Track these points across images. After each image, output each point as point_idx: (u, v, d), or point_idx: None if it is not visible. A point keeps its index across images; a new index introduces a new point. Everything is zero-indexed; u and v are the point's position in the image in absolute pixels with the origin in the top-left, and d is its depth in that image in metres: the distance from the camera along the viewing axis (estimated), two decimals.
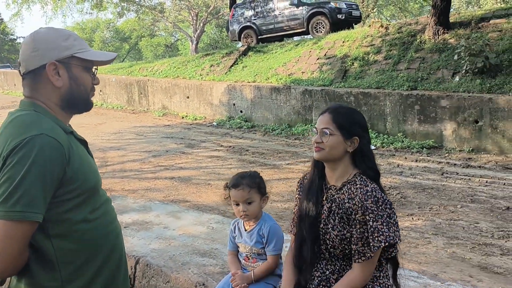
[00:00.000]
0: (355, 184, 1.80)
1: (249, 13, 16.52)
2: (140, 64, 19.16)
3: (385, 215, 1.69)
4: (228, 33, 17.80)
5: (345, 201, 1.79)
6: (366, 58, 11.20)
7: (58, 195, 1.40)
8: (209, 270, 2.36)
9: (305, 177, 2.02)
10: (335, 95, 10.20)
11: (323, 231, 1.82)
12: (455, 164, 7.57)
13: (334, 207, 1.82)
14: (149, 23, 37.19)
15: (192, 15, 31.41)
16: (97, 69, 1.65)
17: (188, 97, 13.76)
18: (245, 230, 2.13)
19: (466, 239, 4.85)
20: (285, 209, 5.82)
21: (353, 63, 11.32)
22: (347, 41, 12.35)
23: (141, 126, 12.57)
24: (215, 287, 2.10)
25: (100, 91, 17.03)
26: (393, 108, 9.29)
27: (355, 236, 1.73)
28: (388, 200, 1.73)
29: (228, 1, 19.73)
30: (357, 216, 1.72)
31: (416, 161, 7.86)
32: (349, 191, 1.79)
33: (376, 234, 1.67)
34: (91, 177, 1.52)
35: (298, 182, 2.05)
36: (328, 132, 1.79)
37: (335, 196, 1.84)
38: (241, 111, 12.32)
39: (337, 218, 1.79)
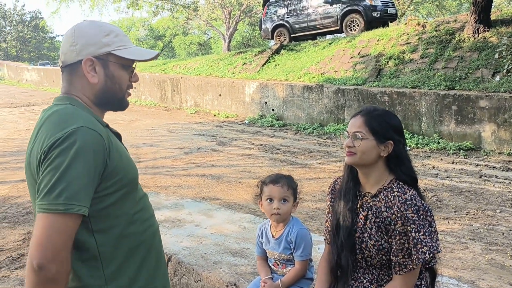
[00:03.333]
0: (392, 191, 1.71)
1: (282, 11, 16.44)
2: (173, 61, 19.40)
3: (427, 225, 1.60)
4: (261, 31, 17.77)
5: (382, 209, 1.70)
6: (402, 56, 10.95)
7: (100, 190, 1.37)
8: (240, 270, 2.34)
9: (337, 182, 1.95)
10: (369, 95, 10.03)
11: (360, 240, 1.74)
12: (494, 167, 7.30)
13: (371, 215, 1.73)
14: (183, 21, 37.59)
15: (225, 13, 31.52)
16: (134, 66, 1.59)
17: (220, 95, 13.83)
18: (273, 237, 2.09)
19: (506, 245, 4.66)
20: (316, 209, 5.75)
21: (387, 62, 11.09)
22: (382, 39, 12.12)
23: (174, 123, 12.71)
24: None
25: (134, 88, 17.33)
26: (429, 108, 9.04)
27: (395, 247, 1.64)
28: (428, 207, 1.64)
29: None
30: (396, 226, 1.64)
31: (453, 163, 7.63)
32: (386, 199, 1.70)
33: (419, 246, 1.59)
34: (131, 171, 1.49)
35: (329, 188, 1.97)
36: (360, 136, 1.71)
37: (370, 204, 1.75)
38: (273, 110, 12.28)
39: (374, 227, 1.71)
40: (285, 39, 16.22)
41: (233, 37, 34.36)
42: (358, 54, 12.12)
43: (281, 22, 16.35)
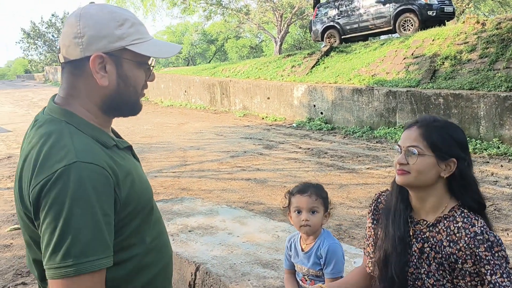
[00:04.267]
0: (455, 222, 1.43)
1: (332, 12, 16.16)
2: (223, 65, 19.59)
3: (503, 264, 1.32)
4: (311, 33, 17.57)
5: (444, 243, 1.42)
6: (459, 57, 10.40)
7: (115, 225, 1.14)
8: (269, 283, 2.22)
9: (380, 199, 1.65)
10: (422, 97, 9.58)
11: (414, 276, 1.48)
12: None
13: (428, 249, 1.46)
14: (235, 25, 37.99)
15: (277, 16, 31.50)
16: (153, 65, 1.31)
17: (268, 98, 13.77)
18: (302, 250, 1.95)
19: None
20: (362, 216, 5.52)
21: (443, 62, 10.57)
22: (438, 39, 11.57)
23: (222, 126, 12.79)
24: None
25: (185, 91, 17.66)
26: (488, 111, 8.50)
27: None
28: (499, 239, 1.36)
29: (313, 1, 19.48)
30: (465, 265, 1.37)
31: None
32: (448, 231, 1.42)
33: None
34: (145, 193, 1.26)
35: (370, 205, 1.69)
36: (416, 152, 1.43)
37: (427, 235, 1.47)
38: (321, 113, 12.05)
39: (433, 263, 1.44)
40: (335, 41, 15.93)
41: (285, 40, 34.28)
42: (412, 54, 11.65)
43: (331, 23, 16.07)
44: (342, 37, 15.84)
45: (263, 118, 13.61)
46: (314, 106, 12.27)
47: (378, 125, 10.57)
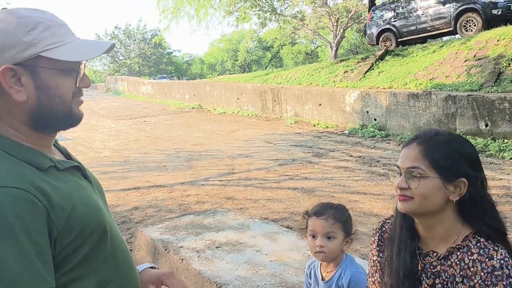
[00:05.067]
0: (469, 253, 1.20)
1: (388, 15, 15.61)
2: (275, 71, 19.50)
3: None
4: (365, 37, 17.07)
5: (457, 279, 1.21)
6: None
7: (58, 254, 1.01)
8: None
9: (384, 227, 1.42)
10: (485, 101, 8.92)
11: None
12: None
13: (439, 285, 1.25)
14: (290, 32, 37.87)
15: (333, 21, 31.01)
16: (85, 68, 1.15)
17: (320, 105, 13.46)
18: (322, 279, 1.74)
19: None
20: None
21: (509, 64, 9.81)
22: (503, 39, 10.79)
23: (272, 133, 12.64)
24: None
25: (237, 99, 17.71)
26: None
27: None
28: None
29: (368, 4, 18.95)
30: None
31: None
32: (462, 264, 1.21)
33: None
34: (93, 216, 1.10)
35: (374, 234, 1.46)
36: (417, 174, 1.22)
37: (438, 269, 1.26)
38: (375, 119, 11.59)
39: None
40: (391, 44, 15.36)
41: (341, 44, 33.67)
42: (474, 56, 10.93)
43: (387, 26, 15.53)
44: (399, 40, 15.25)
45: (314, 125, 13.32)
46: (367, 112, 11.83)
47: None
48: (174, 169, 9.09)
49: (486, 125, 8.94)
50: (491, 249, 1.18)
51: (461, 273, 1.20)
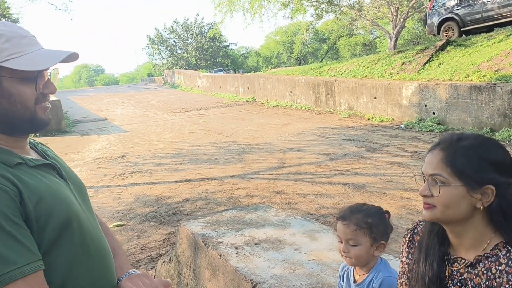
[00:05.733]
0: (498, 263, 1.14)
1: (451, 3, 14.83)
2: (329, 64, 19.16)
3: None
4: (425, 26, 16.35)
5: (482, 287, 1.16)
6: None
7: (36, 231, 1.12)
8: None
9: (416, 229, 1.38)
10: None
11: None
12: None
13: None
14: (347, 23, 37.04)
15: (392, 10, 29.94)
16: (49, 75, 1.25)
17: (375, 98, 13.08)
18: (354, 282, 1.68)
19: None
20: None
21: None
22: None
23: (325, 127, 12.45)
24: None
25: (291, 92, 17.60)
26: None
27: None
28: None
29: None
30: None
31: None
32: (489, 274, 1.15)
33: None
34: (61, 211, 1.18)
35: (405, 236, 1.41)
36: (439, 182, 1.16)
37: (464, 276, 1.21)
38: (434, 113, 11.09)
39: None
40: (453, 34, 14.60)
41: (400, 35, 32.50)
42: None
43: (449, 15, 14.76)
44: (462, 29, 14.46)
45: (368, 119, 12.97)
46: (425, 105, 11.34)
47: (501, 126, 9.39)
48: (225, 162, 9.20)
49: None
50: None
51: (487, 283, 1.15)
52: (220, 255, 2.60)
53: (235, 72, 44.93)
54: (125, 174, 8.87)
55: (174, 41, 55.33)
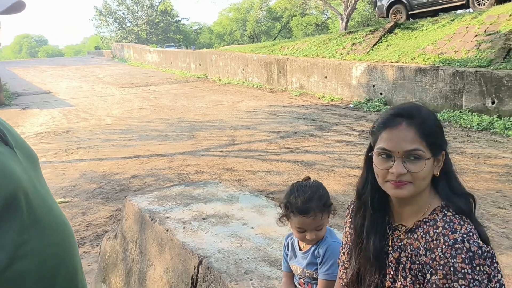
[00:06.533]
0: (435, 226, 1.16)
1: None
2: (282, 42, 19.18)
3: (484, 281, 1.05)
4: (375, 9, 16.65)
5: (420, 251, 1.17)
6: None
7: None
8: (271, 284, 2.00)
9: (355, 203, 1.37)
10: (493, 78, 8.73)
11: None
12: None
13: (404, 258, 1.21)
14: (300, 2, 37.09)
15: None
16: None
17: (326, 77, 13.27)
18: (300, 250, 1.71)
19: None
20: None
21: None
22: None
23: (276, 105, 12.53)
24: None
25: (243, 69, 17.51)
26: None
27: None
28: (490, 252, 1.09)
29: None
30: (434, 277, 1.10)
31: None
32: (427, 237, 1.17)
33: None
34: (4, 179, 1.08)
35: (348, 207, 1.43)
36: (418, 156, 1.15)
37: (404, 242, 1.22)
38: (381, 93, 11.42)
39: (409, 276, 1.19)
40: (401, 17, 14.97)
41: (352, 16, 32.95)
42: (484, 31, 10.64)
43: None
44: (409, 12, 14.85)
45: (319, 98, 13.17)
46: (374, 86, 11.65)
47: (442, 108, 9.82)
48: (176, 138, 9.07)
49: (493, 102, 8.77)
50: (456, 223, 1.15)
51: (425, 246, 1.17)
52: (167, 230, 2.57)
53: (187, 48, 44.02)
54: (70, 149, 8.56)
55: (123, 13, 53.30)
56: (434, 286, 1.10)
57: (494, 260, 1.08)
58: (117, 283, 3.10)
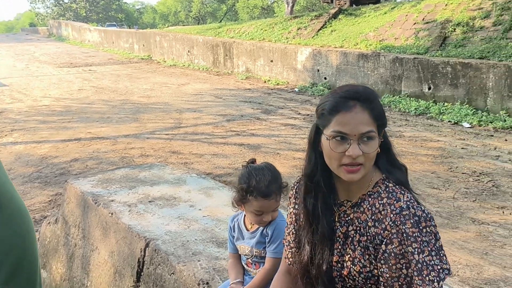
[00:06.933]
0: (379, 198, 1.22)
1: None
2: (228, 25, 19.02)
3: (432, 240, 1.14)
4: None
5: (369, 223, 1.23)
6: (471, 23, 9.86)
7: None
8: (219, 265, 2.01)
9: (301, 182, 1.38)
10: (429, 65, 9.15)
11: (340, 265, 1.28)
12: None
13: (353, 232, 1.26)
14: None
15: None
16: None
17: (271, 61, 13.34)
18: (248, 230, 1.73)
19: None
20: None
21: (454, 29, 10.05)
22: (451, 3, 10.99)
23: (222, 88, 12.45)
24: None
25: (188, 51, 17.21)
26: (497, 82, 8.08)
27: (388, 275, 1.17)
28: (428, 213, 1.17)
29: None
30: (390, 247, 1.17)
31: None
32: (373, 209, 1.22)
33: (425, 272, 1.12)
34: None
35: (292, 188, 1.46)
36: (372, 137, 1.18)
37: (351, 216, 1.27)
38: (325, 78, 11.65)
39: (358, 248, 1.24)
40: (345, 3, 15.29)
41: (297, 1, 33.18)
42: (422, 20, 11.10)
43: None
44: None
45: (265, 82, 13.23)
46: (318, 70, 11.86)
47: (383, 92, 10.18)
48: (119, 121, 8.80)
49: (429, 88, 9.21)
50: (398, 192, 1.22)
51: (373, 217, 1.22)
52: (112, 213, 2.51)
53: (129, 28, 42.55)
54: (3, 132, 8.08)
55: None
56: (392, 255, 1.15)
57: (434, 222, 1.17)
58: (59, 269, 2.99)
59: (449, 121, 8.09)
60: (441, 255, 1.15)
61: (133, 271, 2.29)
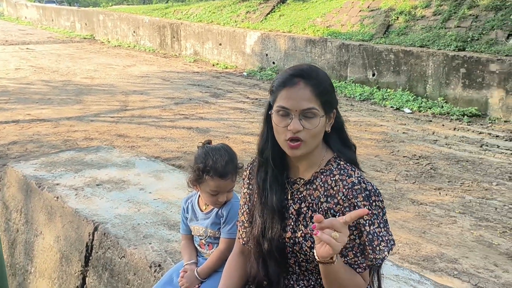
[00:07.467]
0: (332, 175, 1.28)
1: None
2: (175, 6, 18.60)
3: (380, 213, 1.23)
4: None
5: (321, 199, 1.28)
6: (413, 12, 10.24)
7: None
8: (171, 247, 2.01)
9: (254, 163, 1.43)
10: (374, 52, 9.44)
11: (292, 241, 1.31)
12: (497, 136, 6.86)
13: (305, 208, 1.31)
14: None
15: None
16: None
17: (220, 44, 13.22)
18: (202, 211, 1.74)
19: (497, 222, 4.34)
20: None
21: (397, 17, 10.39)
22: None
23: (170, 71, 12.22)
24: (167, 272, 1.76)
25: (134, 32, 16.70)
26: (435, 70, 8.49)
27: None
28: (377, 188, 1.26)
29: None
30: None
31: (454, 129, 7.19)
32: (326, 186, 1.28)
33: (376, 242, 1.21)
34: None
35: (246, 169, 1.50)
36: (314, 114, 1.22)
37: (304, 193, 1.32)
38: (273, 63, 11.72)
39: (310, 224, 1.29)
40: None
41: None
42: (368, 7, 11.38)
43: None
44: None
45: (213, 65, 13.12)
46: (267, 55, 11.90)
47: (330, 78, 10.39)
48: (60, 102, 8.44)
49: (373, 75, 9.52)
50: (350, 169, 1.29)
51: (325, 193, 1.28)
52: (57, 197, 2.43)
53: (70, 5, 40.49)
54: None
55: None
56: None
57: (382, 197, 1.25)
58: None
59: (391, 107, 8.42)
60: (387, 227, 1.25)
61: (81, 255, 2.24)
